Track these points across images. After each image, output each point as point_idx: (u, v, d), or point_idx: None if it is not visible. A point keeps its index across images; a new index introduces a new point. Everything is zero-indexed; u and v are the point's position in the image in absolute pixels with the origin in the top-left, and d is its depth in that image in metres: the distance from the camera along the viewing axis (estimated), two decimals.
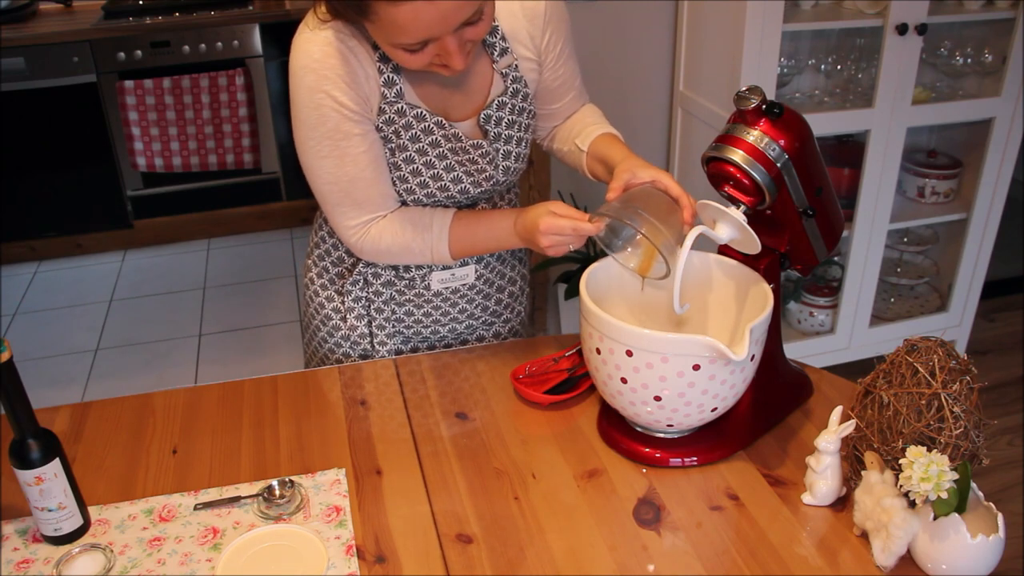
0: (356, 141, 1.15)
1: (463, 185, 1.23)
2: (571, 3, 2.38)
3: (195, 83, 3.25)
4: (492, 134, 1.23)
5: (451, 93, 1.20)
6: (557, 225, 1.12)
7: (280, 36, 3.36)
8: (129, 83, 3.20)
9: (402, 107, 1.16)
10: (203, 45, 3.26)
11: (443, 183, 1.22)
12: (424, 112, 1.17)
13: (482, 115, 1.21)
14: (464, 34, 1.04)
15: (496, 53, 1.21)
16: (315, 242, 1.41)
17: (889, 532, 0.91)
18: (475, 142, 1.22)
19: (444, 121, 1.19)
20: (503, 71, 1.21)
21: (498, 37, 1.20)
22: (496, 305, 1.42)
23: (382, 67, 1.14)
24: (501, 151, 1.24)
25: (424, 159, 1.19)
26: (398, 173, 1.20)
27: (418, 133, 1.18)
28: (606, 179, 1.24)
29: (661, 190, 1.11)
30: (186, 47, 3.26)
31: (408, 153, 1.19)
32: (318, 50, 1.10)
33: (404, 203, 1.25)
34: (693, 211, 1.09)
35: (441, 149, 1.20)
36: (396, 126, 1.17)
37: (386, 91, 1.15)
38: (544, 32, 1.23)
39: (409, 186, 1.21)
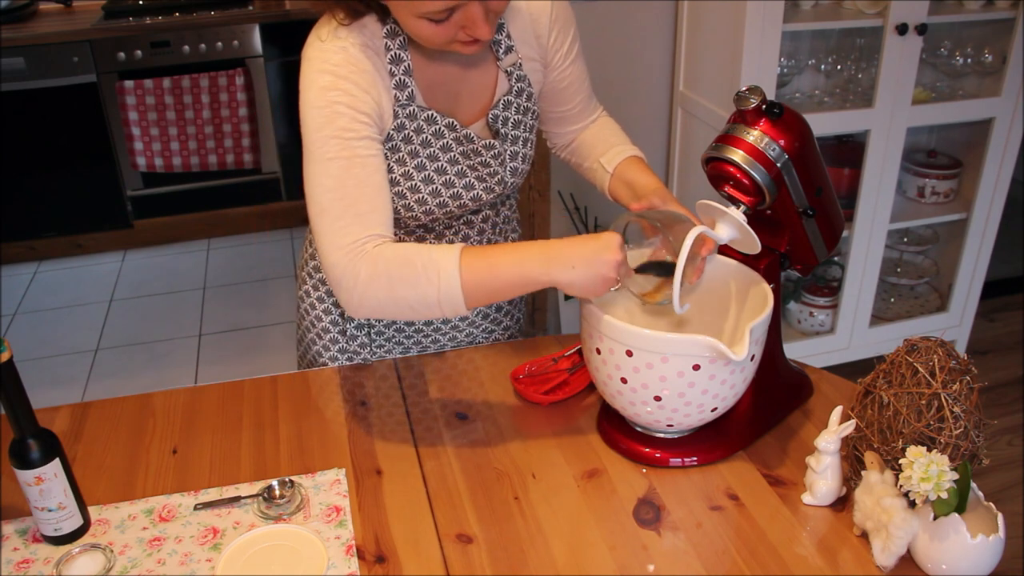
0: (366, 144, 1.09)
1: (475, 192, 1.22)
2: (571, 3, 2.38)
3: (195, 83, 3.25)
4: (502, 133, 1.22)
5: (458, 95, 1.20)
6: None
7: (280, 36, 3.36)
8: (129, 83, 3.20)
9: (413, 110, 1.15)
10: (203, 45, 3.26)
11: (455, 190, 1.20)
12: (435, 115, 1.16)
13: (490, 115, 1.21)
14: (489, 3, 1.02)
15: (501, 51, 1.20)
16: (311, 253, 1.39)
17: (889, 532, 0.91)
18: (487, 142, 1.21)
19: (455, 123, 1.18)
20: (507, 69, 1.21)
21: (503, 35, 1.20)
22: (496, 312, 1.42)
23: (393, 69, 1.12)
24: (509, 151, 1.24)
25: (435, 165, 1.18)
26: (409, 183, 1.18)
27: (429, 137, 1.17)
28: (627, 202, 1.25)
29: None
30: (186, 47, 3.26)
31: (420, 160, 1.17)
32: (336, 56, 1.08)
33: (400, 219, 1.23)
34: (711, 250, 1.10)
35: (453, 153, 1.19)
36: (408, 131, 1.15)
37: (398, 94, 1.13)
38: (550, 32, 1.23)
39: (421, 196, 1.19)
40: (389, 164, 1.16)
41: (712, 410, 1.05)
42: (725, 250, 1.15)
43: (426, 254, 1.04)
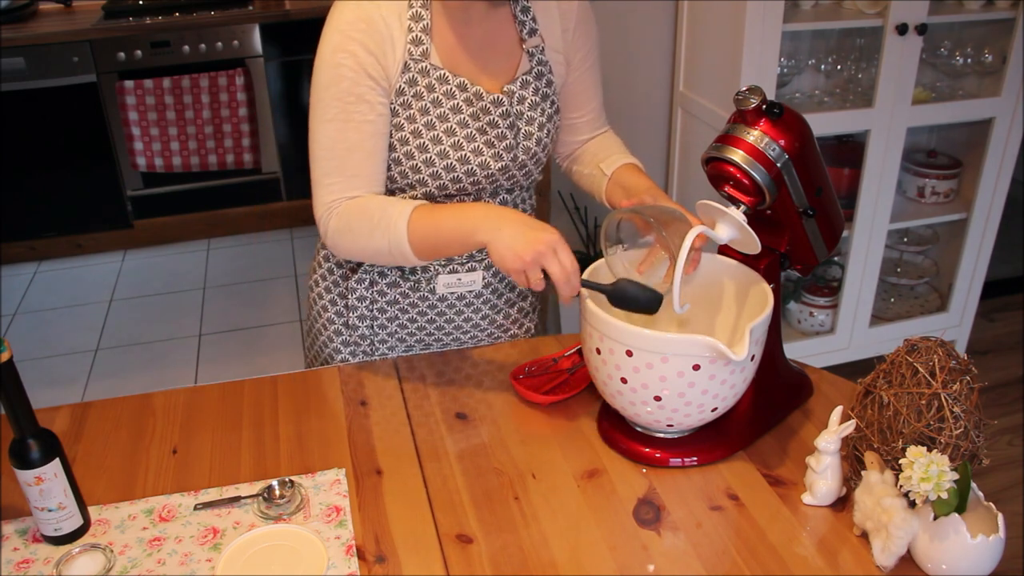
0: (365, 108, 1.16)
1: (483, 158, 1.22)
2: None
3: (195, 83, 3.25)
4: (515, 111, 1.24)
5: (479, 65, 1.22)
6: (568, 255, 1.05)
7: (280, 36, 3.36)
8: (129, 83, 3.20)
9: (426, 67, 1.18)
10: (203, 45, 3.27)
11: (463, 153, 1.21)
12: (447, 74, 1.19)
13: (506, 88, 1.23)
14: None
15: (525, 31, 1.23)
16: (323, 242, 1.40)
17: (889, 532, 0.91)
18: (496, 97, 1.21)
19: (466, 82, 1.20)
20: (530, 50, 1.24)
21: (529, 17, 1.23)
22: (504, 319, 1.41)
23: (412, 25, 1.16)
24: (523, 130, 1.25)
25: (445, 125, 1.20)
26: (418, 141, 1.20)
27: (440, 96, 1.19)
28: (620, 202, 1.26)
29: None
30: (186, 47, 3.26)
31: (429, 118, 1.19)
32: (351, 14, 1.14)
33: (412, 186, 1.24)
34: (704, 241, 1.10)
35: (463, 116, 1.20)
36: (419, 87, 1.18)
37: (412, 48, 1.17)
38: (574, 31, 1.27)
39: (429, 156, 1.20)
40: (400, 121, 1.20)
41: (712, 410, 1.05)
42: (725, 250, 1.15)
43: (381, 209, 1.15)
